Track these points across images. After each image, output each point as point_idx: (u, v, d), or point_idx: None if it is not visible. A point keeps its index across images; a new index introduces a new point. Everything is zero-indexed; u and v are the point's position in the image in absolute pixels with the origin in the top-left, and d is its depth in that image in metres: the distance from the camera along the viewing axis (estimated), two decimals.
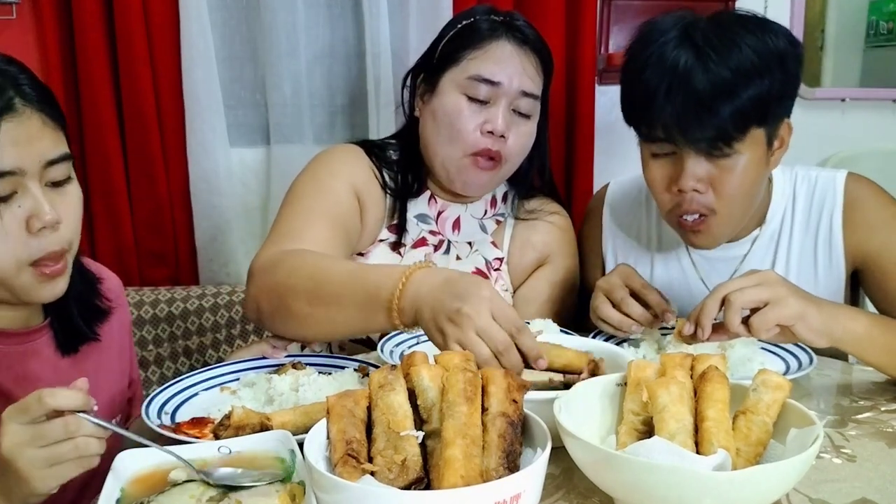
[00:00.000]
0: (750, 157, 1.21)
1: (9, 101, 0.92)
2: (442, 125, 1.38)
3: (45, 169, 0.95)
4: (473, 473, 0.69)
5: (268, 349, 1.21)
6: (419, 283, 1.02)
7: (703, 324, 1.08)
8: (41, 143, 0.95)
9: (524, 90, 1.37)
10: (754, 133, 1.20)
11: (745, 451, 0.78)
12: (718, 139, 1.17)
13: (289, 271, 1.19)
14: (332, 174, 1.41)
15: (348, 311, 1.11)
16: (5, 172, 0.91)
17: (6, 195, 0.92)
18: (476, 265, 1.48)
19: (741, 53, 1.16)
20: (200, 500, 0.72)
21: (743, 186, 1.23)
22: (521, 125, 1.39)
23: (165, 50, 1.83)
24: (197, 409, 1.04)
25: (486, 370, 0.79)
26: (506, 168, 1.41)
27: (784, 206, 1.41)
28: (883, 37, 2.41)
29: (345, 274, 1.14)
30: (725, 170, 1.21)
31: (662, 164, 1.26)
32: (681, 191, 1.23)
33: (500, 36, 1.37)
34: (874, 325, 1.13)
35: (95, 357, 1.15)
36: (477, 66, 1.36)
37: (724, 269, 1.42)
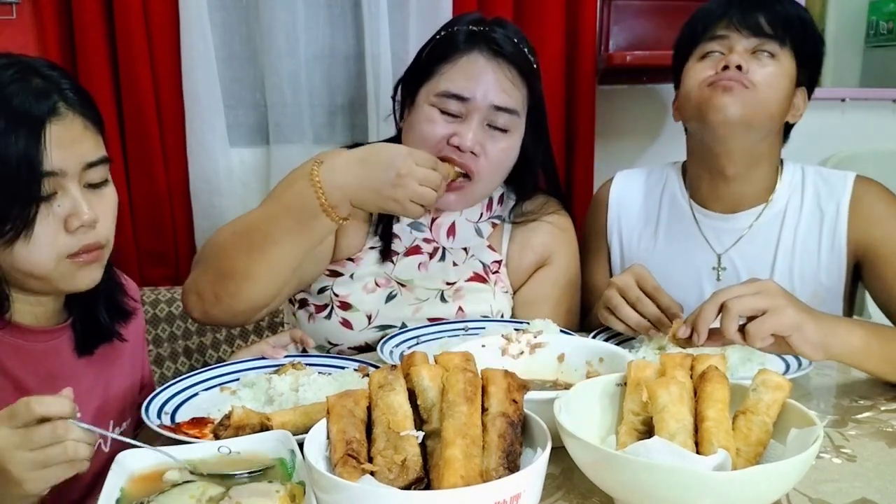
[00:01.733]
0: (784, 68, 1.36)
1: (54, 105, 0.95)
2: (414, 133, 1.36)
3: (85, 171, 0.99)
4: (473, 473, 0.69)
5: (268, 349, 1.21)
6: (333, 174, 1.13)
7: (699, 329, 1.08)
8: (82, 146, 0.98)
9: (497, 105, 1.33)
10: (790, 55, 1.37)
11: (745, 451, 0.78)
12: (772, 37, 1.36)
13: (212, 245, 1.25)
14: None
15: (285, 241, 1.17)
16: (49, 173, 0.94)
17: (48, 195, 0.95)
18: (474, 270, 1.48)
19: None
20: (200, 500, 0.72)
21: (775, 83, 1.36)
22: (498, 141, 1.35)
23: (165, 50, 1.83)
24: (197, 410, 1.05)
25: (487, 370, 0.79)
26: (480, 186, 1.38)
27: (791, 191, 1.46)
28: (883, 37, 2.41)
29: (262, 213, 1.20)
30: (766, 65, 1.36)
31: (709, 61, 1.39)
32: (726, 67, 1.34)
33: (472, 49, 1.34)
34: (871, 337, 1.12)
35: (110, 360, 1.17)
36: (446, 82, 1.33)
37: (728, 240, 1.46)
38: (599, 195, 1.64)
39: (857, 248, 1.41)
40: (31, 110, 0.93)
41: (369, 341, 1.41)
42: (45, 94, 0.95)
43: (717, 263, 1.46)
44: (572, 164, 2.06)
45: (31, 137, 0.93)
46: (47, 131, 0.94)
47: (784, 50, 1.36)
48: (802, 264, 1.42)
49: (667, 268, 1.34)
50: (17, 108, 0.93)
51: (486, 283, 1.47)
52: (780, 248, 1.43)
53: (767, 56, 1.36)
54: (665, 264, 1.45)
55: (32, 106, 0.94)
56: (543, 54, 1.91)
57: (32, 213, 0.94)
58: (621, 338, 1.32)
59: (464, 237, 1.49)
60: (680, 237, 1.51)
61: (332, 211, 1.14)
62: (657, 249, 1.53)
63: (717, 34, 1.38)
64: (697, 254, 1.48)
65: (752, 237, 1.45)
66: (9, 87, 0.94)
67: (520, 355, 1.10)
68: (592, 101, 2.03)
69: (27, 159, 0.92)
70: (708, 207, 1.48)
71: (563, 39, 1.98)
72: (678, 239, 1.51)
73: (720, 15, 1.39)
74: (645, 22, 2.13)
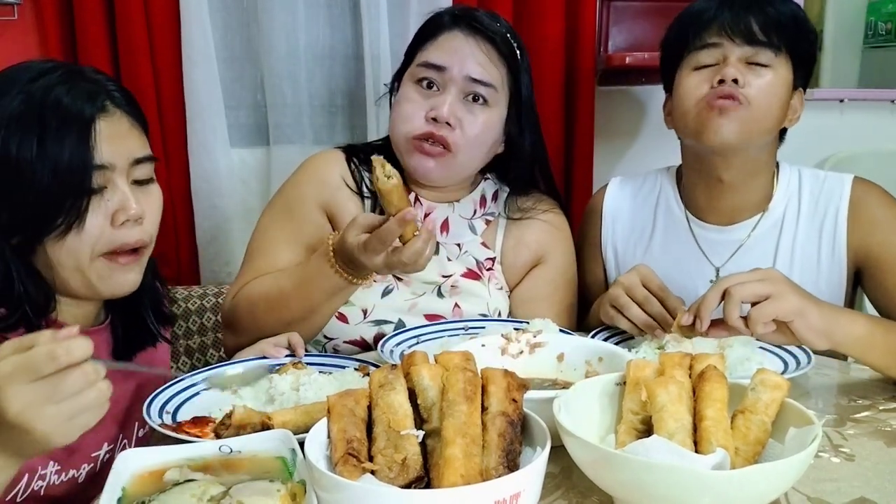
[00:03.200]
0: (781, 75, 1.34)
1: (102, 103, 1.00)
2: (394, 113, 1.41)
3: (133, 167, 1.02)
4: (473, 472, 0.69)
5: (269, 348, 1.21)
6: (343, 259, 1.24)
7: (701, 315, 1.09)
8: (129, 142, 1.02)
9: (473, 76, 1.36)
10: (786, 60, 1.34)
11: (743, 450, 0.78)
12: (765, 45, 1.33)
13: (250, 311, 1.35)
14: (300, 199, 1.45)
15: (317, 314, 1.31)
16: (99, 166, 0.97)
17: (98, 188, 0.98)
18: (467, 266, 1.48)
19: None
20: (202, 500, 0.72)
21: (772, 94, 1.34)
22: (476, 114, 1.37)
23: (166, 50, 1.84)
24: (198, 409, 1.05)
25: (486, 370, 0.79)
26: (460, 159, 1.38)
27: (788, 198, 1.44)
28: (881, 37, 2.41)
29: (294, 293, 1.30)
30: (760, 75, 1.33)
31: (703, 73, 1.36)
32: (721, 81, 1.32)
33: (452, 27, 1.39)
34: (875, 327, 1.13)
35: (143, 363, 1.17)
36: (425, 55, 1.38)
37: (725, 252, 1.45)
38: (593, 204, 1.63)
39: (857, 254, 1.39)
40: (81, 108, 0.97)
41: (365, 336, 1.41)
42: (92, 93, 0.99)
43: (714, 276, 1.45)
44: (571, 165, 2.07)
45: (81, 133, 0.96)
46: (96, 127, 0.97)
47: (780, 56, 1.33)
48: (802, 273, 1.39)
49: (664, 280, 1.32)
50: (68, 106, 0.97)
51: (479, 281, 1.48)
52: (779, 258, 1.42)
53: (763, 66, 1.33)
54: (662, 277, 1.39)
55: (82, 104, 0.98)
56: (543, 55, 1.93)
57: (84, 206, 0.97)
58: (620, 337, 1.32)
59: (457, 233, 1.49)
60: (676, 249, 1.50)
61: (359, 282, 1.26)
62: (653, 262, 1.48)
63: (710, 42, 1.35)
64: (695, 266, 1.47)
65: (750, 248, 1.43)
66: (58, 88, 0.97)
67: (519, 355, 1.10)
68: (592, 101, 2.03)
69: (79, 154, 0.96)
70: (704, 219, 1.47)
71: (562, 40, 1.98)
72: (675, 251, 1.50)
73: (710, 19, 1.35)
74: (644, 23, 2.13)
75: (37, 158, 0.94)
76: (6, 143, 0.95)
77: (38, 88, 0.97)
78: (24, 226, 0.97)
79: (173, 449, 0.80)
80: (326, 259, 1.24)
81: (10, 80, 0.98)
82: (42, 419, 0.75)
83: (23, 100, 0.96)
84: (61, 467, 1.04)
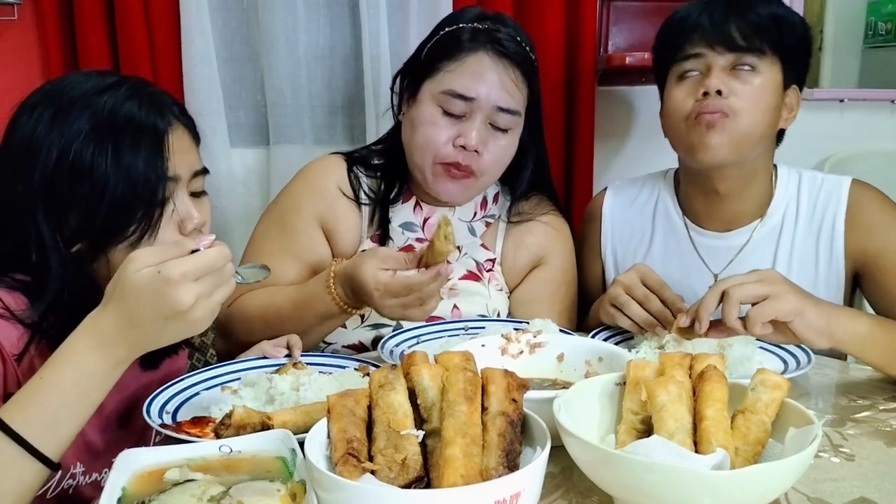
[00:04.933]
0: (767, 80, 1.32)
1: (171, 118, 1.05)
2: (417, 134, 1.38)
3: (192, 179, 1.07)
4: (473, 472, 0.69)
5: (268, 349, 1.21)
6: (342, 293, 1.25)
7: (700, 317, 1.09)
8: (191, 155, 1.08)
9: (500, 106, 1.35)
10: (774, 61, 1.33)
11: (743, 450, 0.78)
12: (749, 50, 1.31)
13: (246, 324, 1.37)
14: (295, 211, 1.45)
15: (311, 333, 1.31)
16: (171, 178, 1.03)
17: (165, 199, 1.03)
18: (467, 268, 1.48)
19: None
20: (202, 499, 0.73)
21: (760, 101, 1.32)
22: (498, 139, 1.38)
23: (166, 51, 1.83)
24: (198, 409, 1.05)
25: (486, 370, 0.79)
26: (483, 180, 1.40)
27: (787, 202, 1.43)
28: (881, 37, 2.41)
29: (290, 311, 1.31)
30: (747, 82, 1.32)
31: (688, 84, 1.35)
32: (706, 94, 1.31)
33: (478, 48, 1.35)
34: (875, 326, 1.13)
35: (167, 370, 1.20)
36: (451, 80, 1.34)
37: (723, 258, 1.45)
38: (592, 209, 1.63)
39: (856, 259, 1.39)
40: (154, 122, 1.02)
41: (363, 340, 1.41)
42: (161, 106, 1.04)
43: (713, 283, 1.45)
44: (571, 165, 2.07)
45: (155, 146, 1.01)
46: (168, 140, 1.02)
47: (765, 59, 1.32)
48: (800, 277, 1.38)
49: None
50: (142, 120, 1.01)
51: (479, 282, 1.48)
52: (777, 263, 1.42)
53: (748, 71, 1.31)
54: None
55: (155, 118, 1.03)
56: (543, 55, 1.92)
57: (158, 216, 1.02)
58: (621, 337, 1.32)
59: (457, 236, 1.49)
60: (675, 257, 1.50)
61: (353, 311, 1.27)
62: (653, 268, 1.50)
63: (692, 52, 1.34)
64: (693, 274, 1.47)
65: (748, 255, 1.43)
66: (128, 103, 1.02)
67: (519, 355, 1.10)
68: (592, 101, 2.03)
69: (153, 165, 1.00)
70: (703, 226, 1.47)
71: (562, 40, 1.98)
72: (673, 258, 1.50)
73: (691, 28, 1.34)
74: (644, 23, 2.13)
75: (111, 168, 0.98)
76: (79, 153, 0.98)
77: (107, 101, 1.01)
78: (92, 234, 1.00)
79: (173, 449, 0.80)
80: (325, 283, 1.25)
81: (71, 94, 1.01)
82: (204, 307, 0.85)
83: (92, 113, 0.99)
84: (86, 469, 1.06)
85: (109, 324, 0.86)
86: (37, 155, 0.98)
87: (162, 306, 0.83)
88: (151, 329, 0.85)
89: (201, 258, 0.85)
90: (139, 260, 0.84)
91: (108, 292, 0.87)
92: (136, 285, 0.83)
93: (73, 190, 0.98)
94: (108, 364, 0.86)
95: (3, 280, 1.00)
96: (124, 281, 0.84)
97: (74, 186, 0.98)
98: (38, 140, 0.99)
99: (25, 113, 1.01)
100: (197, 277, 0.84)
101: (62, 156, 0.98)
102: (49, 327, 0.99)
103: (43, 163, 0.98)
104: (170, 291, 0.83)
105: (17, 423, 0.83)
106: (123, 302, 0.85)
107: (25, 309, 0.99)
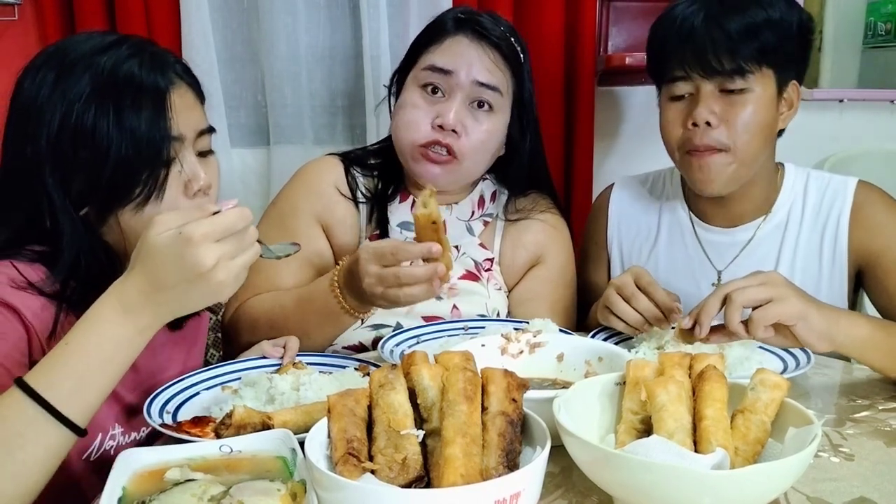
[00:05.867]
0: (760, 95, 1.29)
1: (172, 76, 1.03)
2: (399, 119, 1.40)
3: (197, 139, 1.05)
4: (473, 472, 0.69)
5: (268, 349, 1.21)
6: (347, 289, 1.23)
7: (701, 321, 1.09)
8: (195, 114, 1.05)
9: (480, 80, 1.35)
10: (765, 72, 1.28)
11: (743, 449, 0.78)
12: (734, 72, 1.26)
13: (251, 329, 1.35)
14: (294, 211, 1.46)
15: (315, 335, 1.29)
16: (174, 138, 1.01)
17: (171, 160, 1.01)
18: (466, 268, 1.48)
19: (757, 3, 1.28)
20: (202, 499, 0.73)
21: (753, 124, 1.29)
22: (481, 122, 1.37)
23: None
24: (198, 408, 1.05)
25: (486, 369, 0.79)
26: (465, 165, 1.39)
27: (793, 200, 1.44)
28: (881, 38, 2.41)
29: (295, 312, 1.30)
30: (737, 104, 1.28)
31: (679, 106, 1.33)
32: (695, 124, 1.28)
33: (457, 31, 1.38)
34: (876, 329, 1.13)
35: (191, 337, 1.23)
36: (431, 58, 1.37)
37: (728, 254, 1.45)
38: (599, 203, 1.64)
39: (859, 257, 1.39)
40: (155, 80, 1.00)
41: (363, 340, 1.41)
42: (162, 66, 1.02)
43: (717, 280, 1.45)
44: (571, 165, 2.07)
45: (157, 105, 0.99)
46: (170, 99, 1.00)
47: (755, 75, 1.28)
48: (804, 276, 1.39)
49: (668, 283, 1.32)
50: (143, 79, 0.99)
51: (478, 282, 1.48)
52: (781, 261, 1.42)
53: (739, 93, 1.28)
54: (666, 279, 1.41)
55: (156, 77, 1.00)
56: (543, 55, 1.93)
57: (163, 177, 1.00)
58: (620, 337, 1.32)
59: (454, 235, 1.49)
60: (680, 251, 1.50)
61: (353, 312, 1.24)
62: (658, 263, 1.52)
63: (679, 76, 1.31)
64: (698, 269, 1.48)
65: (753, 251, 1.44)
66: (128, 62, 1.00)
67: (519, 354, 1.10)
68: (592, 101, 2.03)
69: (156, 125, 0.99)
70: (708, 222, 1.48)
71: (562, 40, 1.98)
72: (679, 253, 1.50)
73: (673, 53, 1.31)
74: (643, 23, 2.12)
75: (114, 130, 0.97)
76: (81, 116, 0.97)
77: (107, 62, 0.99)
78: (98, 197, 0.99)
79: (174, 448, 0.81)
80: (329, 280, 1.24)
81: (73, 55, 1.00)
82: (227, 269, 0.84)
83: (93, 74, 0.98)
84: (125, 430, 1.09)
85: (134, 288, 0.85)
86: (41, 117, 0.98)
87: (184, 268, 0.83)
88: (175, 293, 0.85)
89: (222, 219, 0.84)
90: (161, 223, 0.84)
91: (133, 258, 0.86)
92: (158, 248, 0.83)
93: (77, 153, 0.98)
94: (133, 330, 0.86)
95: (22, 253, 1.01)
96: (147, 245, 0.84)
97: (78, 149, 0.98)
98: (41, 102, 0.98)
99: (29, 76, 1.01)
100: (218, 238, 0.83)
101: (65, 118, 0.97)
102: (71, 294, 0.99)
103: (48, 126, 0.98)
104: (191, 252, 0.82)
105: (42, 387, 0.83)
106: (146, 266, 0.84)
107: (45, 279, 0.99)
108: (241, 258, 0.86)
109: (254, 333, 1.34)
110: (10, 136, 1.03)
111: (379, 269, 1.12)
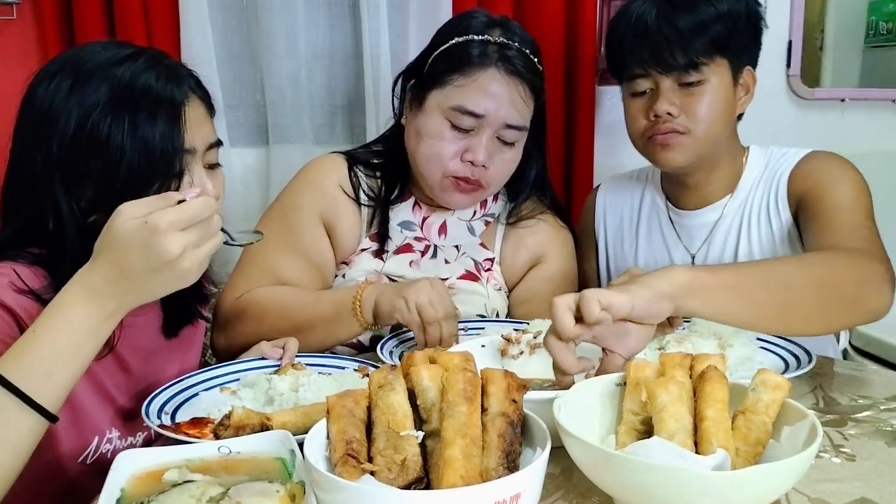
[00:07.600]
0: (717, 84, 1.35)
1: (187, 90, 1.05)
2: (424, 145, 1.37)
3: (207, 151, 1.07)
4: (473, 473, 0.69)
5: (267, 350, 1.21)
6: (370, 293, 1.28)
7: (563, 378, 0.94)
8: (206, 127, 1.07)
9: (509, 123, 1.35)
10: (719, 62, 1.34)
11: (744, 450, 0.78)
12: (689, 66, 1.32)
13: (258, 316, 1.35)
14: (297, 208, 1.45)
15: (319, 330, 1.30)
16: (187, 150, 1.02)
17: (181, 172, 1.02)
18: (466, 268, 1.48)
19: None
20: (201, 500, 0.72)
21: (711, 111, 1.35)
22: (504, 153, 1.39)
23: (166, 50, 1.83)
24: (197, 410, 1.05)
25: (486, 370, 0.79)
26: (490, 190, 1.43)
27: (755, 176, 1.48)
28: (882, 37, 2.41)
29: (310, 303, 1.33)
30: (695, 95, 1.35)
31: (641, 101, 1.40)
32: (657, 116, 1.35)
33: (488, 65, 1.33)
34: (697, 270, 0.99)
35: (187, 343, 1.23)
36: (461, 97, 1.33)
37: (699, 234, 1.51)
38: (588, 203, 1.72)
39: (795, 199, 1.41)
40: (171, 93, 1.02)
41: (362, 339, 1.41)
42: (178, 78, 1.05)
43: (691, 261, 1.51)
44: (571, 164, 2.07)
45: (172, 117, 1.01)
46: (185, 112, 1.02)
47: (710, 67, 1.33)
48: (761, 243, 1.44)
49: (647, 267, 1.38)
50: (160, 91, 1.01)
51: (477, 282, 1.48)
52: (742, 234, 1.46)
53: (696, 85, 1.34)
54: (646, 264, 1.52)
55: (172, 89, 1.02)
56: (543, 54, 1.91)
57: (173, 188, 1.01)
58: None
59: (455, 235, 1.49)
60: (657, 236, 1.57)
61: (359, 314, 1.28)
62: (638, 249, 1.59)
63: (638, 73, 1.38)
64: (673, 252, 1.54)
65: (719, 229, 1.49)
66: (145, 74, 1.01)
67: (519, 355, 1.10)
68: (592, 100, 2.03)
69: (170, 137, 1.00)
70: (679, 206, 1.54)
71: (562, 40, 1.98)
72: (656, 238, 1.57)
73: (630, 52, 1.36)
74: None
75: (128, 140, 0.98)
76: (96, 125, 0.98)
77: (124, 72, 1.00)
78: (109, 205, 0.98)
79: (172, 450, 0.80)
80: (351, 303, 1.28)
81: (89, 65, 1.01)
82: (192, 257, 0.86)
83: (110, 84, 0.99)
84: (122, 434, 1.10)
85: (99, 276, 0.86)
86: (55, 124, 0.98)
87: (150, 257, 0.84)
88: (141, 281, 0.86)
89: (187, 208, 0.86)
90: (126, 212, 0.85)
91: (97, 246, 0.87)
92: (123, 236, 0.84)
93: (89, 161, 0.98)
94: (99, 317, 0.87)
95: (21, 255, 1.01)
96: (112, 233, 0.85)
97: (91, 158, 0.98)
98: (55, 109, 0.99)
99: (44, 81, 1.02)
100: (184, 227, 0.85)
101: (79, 126, 0.98)
102: None
103: (60, 133, 0.98)
104: (157, 241, 0.83)
105: (12, 373, 0.84)
106: (112, 254, 0.86)
107: (46, 284, 0.99)
108: (206, 246, 0.88)
109: (261, 322, 1.34)
110: (20, 140, 1.03)
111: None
